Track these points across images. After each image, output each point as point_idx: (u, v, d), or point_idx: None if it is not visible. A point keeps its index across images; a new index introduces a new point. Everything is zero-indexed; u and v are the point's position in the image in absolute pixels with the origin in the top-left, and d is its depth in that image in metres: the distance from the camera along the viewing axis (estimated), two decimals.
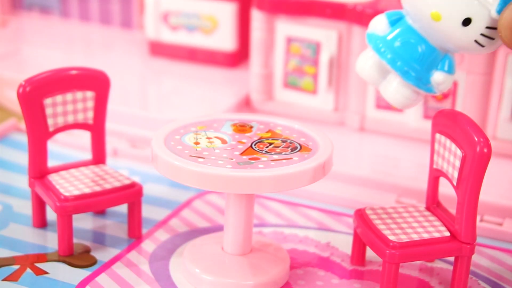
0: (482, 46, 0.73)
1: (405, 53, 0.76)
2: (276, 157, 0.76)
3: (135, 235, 0.89)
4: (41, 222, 0.90)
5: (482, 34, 0.73)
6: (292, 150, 0.78)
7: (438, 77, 0.76)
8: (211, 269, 0.80)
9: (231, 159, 0.75)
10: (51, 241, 0.88)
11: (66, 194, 0.84)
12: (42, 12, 1.58)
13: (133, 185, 0.87)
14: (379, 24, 0.78)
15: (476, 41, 0.73)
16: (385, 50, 0.77)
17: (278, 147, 0.79)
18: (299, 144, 0.80)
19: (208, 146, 0.78)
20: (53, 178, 0.87)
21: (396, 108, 0.79)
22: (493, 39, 0.73)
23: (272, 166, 0.74)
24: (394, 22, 0.78)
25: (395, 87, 0.78)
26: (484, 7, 0.72)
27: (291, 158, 0.76)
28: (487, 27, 0.72)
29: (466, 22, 0.72)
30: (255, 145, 0.79)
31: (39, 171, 0.88)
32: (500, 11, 0.71)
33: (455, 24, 0.73)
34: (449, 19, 0.73)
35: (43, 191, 0.86)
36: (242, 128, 0.82)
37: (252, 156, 0.76)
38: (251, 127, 0.83)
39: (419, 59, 0.76)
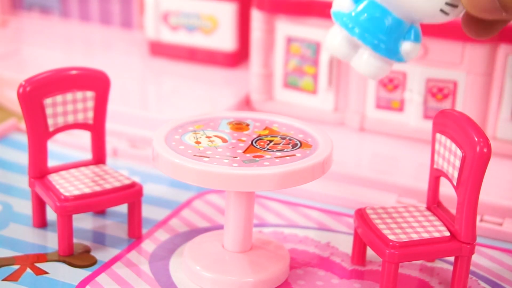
0: (447, 14, 0.74)
1: (373, 27, 0.77)
2: (279, 154, 0.77)
3: (135, 235, 0.89)
4: (41, 222, 0.90)
5: (446, 3, 0.74)
6: (293, 146, 0.78)
7: (406, 47, 0.78)
8: (211, 266, 0.80)
9: (236, 157, 0.75)
10: (51, 241, 0.88)
11: (66, 194, 0.84)
12: (42, 12, 1.58)
13: (133, 185, 0.87)
14: (344, 2, 0.79)
15: (441, 10, 0.74)
16: (353, 26, 0.78)
17: (278, 144, 0.79)
18: (299, 141, 0.80)
19: (210, 145, 0.78)
20: (53, 178, 0.87)
21: (369, 78, 0.81)
22: (456, 6, 0.74)
23: (277, 163, 0.74)
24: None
25: (366, 60, 0.79)
26: None
27: (294, 155, 0.76)
28: None
29: None
30: (255, 142, 0.79)
31: (39, 171, 0.88)
32: None
33: None
34: None
35: (43, 191, 0.86)
36: (238, 126, 0.82)
37: (255, 154, 0.76)
38: (248, 124, 0.83)
39: (386, 32, 0.77)
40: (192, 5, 1.34)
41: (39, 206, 0.90)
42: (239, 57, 1.36)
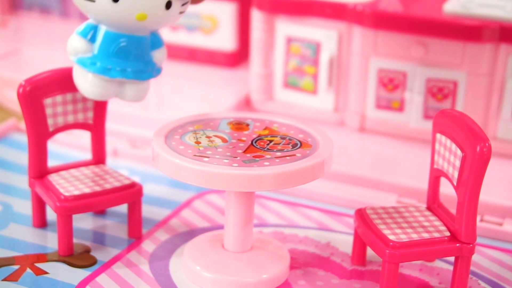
0: (184, 11, 0.80)
1: (126, 57, 0.79)
2: (279, 154, 0.77)
3: (135, 235, 0.89)
4: (41, 222, 0.90)
5: (182, 5, 0.78)
6: (293, 146, 0.78)
7: (160, 54, 0.83)
8: (211, 266, 0.80)
9: (236, 157, 0.75)
10: (51, 241, 0.88)
11: (66, 194, 0.84)
12: (42, 12, 1.58)
13: (133, 185, 0.87)
14: (81, 46, 0.80)
15: (181, 12, 0.79)
16: (104, 66, 0.79)
17: (278, 144, 0.79)
18: (299, 141, 0.80)
19: (210, 145, 0.78)
20: (53, 178, 0.87)
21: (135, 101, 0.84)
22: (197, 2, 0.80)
23: (277, 163, 0.74)
24: (93, 37, 0.80)
25: (133, 88, 0.82)
26: None
27: (294, 155, 0.76)
28: None
29: (168, 5, 0.77)
30: (255, 142, 0.79)
31: (39, 171, 0.88)
32: None
33: (161, 13, 0.77)
34: (154, 13, 0.77)
35: (43, 191, 0.86)
36: (239, 126, 0.83)
37: (255, 154, 0.76)
38: (248, 125, 0.83)
39: (140, 55, 0.80)
40: (192, 5, 1.34)
41: (39, 206, 0.90)
42: (239, 57, 1.36)
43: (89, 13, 0.78)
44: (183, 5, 0.79)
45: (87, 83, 0.80)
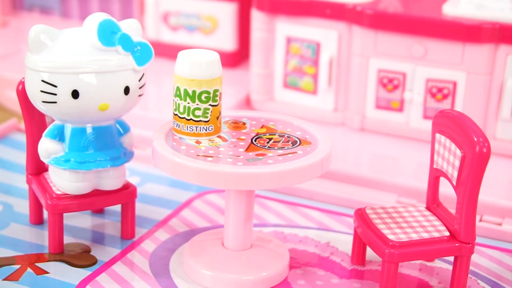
0: (142, 94, 0.83)
1: (98, 148, 0.82)
2: (280, 152, 0.77)
3: (128, 236, 0.88)
4: (38, 219, 0.90)
5: (140, 88, 0.82)
6: (293, 144, 0.79)
7: (129, 138, 0.86)
8: (211, 264, 0.80)
9: (239, 156, 0.75)
10: None
11: (58, 192, 0.84)
12: (43, 12, 1.58)
13: (127, 186, 0.87)
14: (52, 147, 0.82)
15: (140, 95, 0.82)
16: (80, 161, 0.82)
17: (278, 141, 0.79)
18: (298, 138, 0.80)
19: (211, 145, 0.78)
20: (48, 175, 0.87)
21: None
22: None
23: (280, 161, 0.74)
24: (61, 136, 0.82)
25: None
26: (129, 70, 0.79)
27: (295, 152, 0.77)
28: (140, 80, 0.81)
29: (127, 90, 0.80)
30: (255, 141, 0.79)
31: (36, 167, 0.88)
32: (140, 64, 0.80)
33: (121, 100, 0.80)
34: (115, 101, 0.80)
35: (38, 188, 0.86)
36: (236, 125, 0.83)
37: (257, 152, 0.76)
38: (244, 123, 0.83)
39: (110, 143, 0.83)
40: (192, 5, 1.34)
41: (36, 202, 0.90)
42: (239, 57, 1.36)
43: (54, 115, 0.81)
44: (140, 87, 0.82)
45: (65, 181, 0.82)
